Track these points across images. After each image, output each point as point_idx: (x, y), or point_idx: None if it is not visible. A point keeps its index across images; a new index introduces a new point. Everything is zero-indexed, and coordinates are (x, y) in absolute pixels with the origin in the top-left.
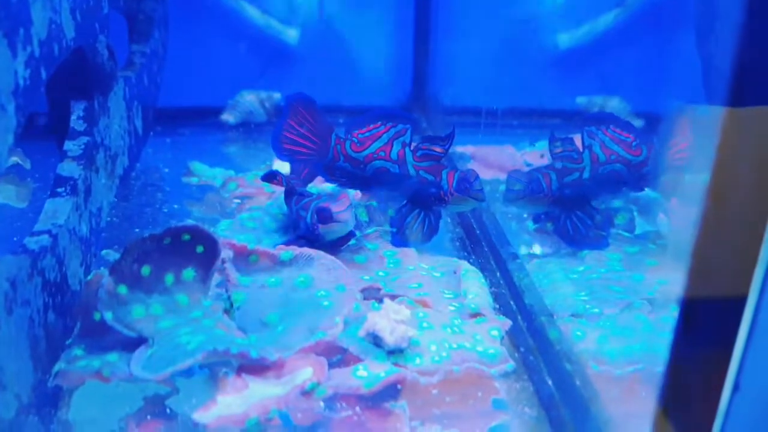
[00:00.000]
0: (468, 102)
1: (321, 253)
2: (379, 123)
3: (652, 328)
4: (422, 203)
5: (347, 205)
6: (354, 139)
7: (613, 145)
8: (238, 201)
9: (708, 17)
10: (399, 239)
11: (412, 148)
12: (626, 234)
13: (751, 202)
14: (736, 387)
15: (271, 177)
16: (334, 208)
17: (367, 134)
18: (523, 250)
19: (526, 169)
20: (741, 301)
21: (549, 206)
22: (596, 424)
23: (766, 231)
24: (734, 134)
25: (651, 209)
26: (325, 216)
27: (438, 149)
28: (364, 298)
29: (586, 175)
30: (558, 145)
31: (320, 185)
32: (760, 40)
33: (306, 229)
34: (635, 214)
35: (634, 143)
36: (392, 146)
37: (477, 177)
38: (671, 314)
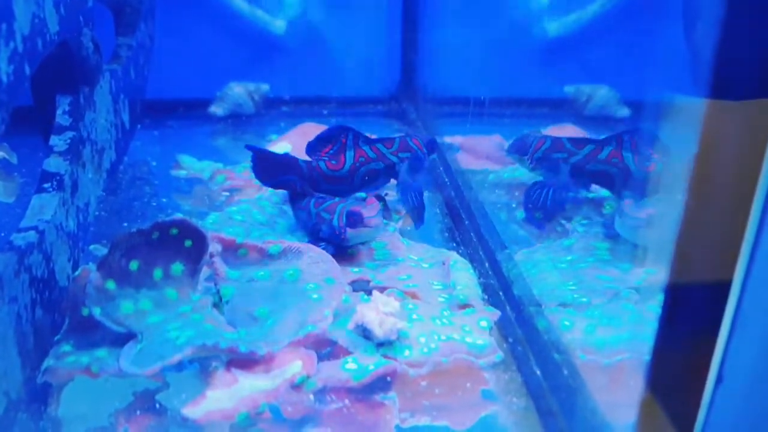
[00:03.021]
0: (457, 92)
1: (310, 245)
2: (333, 142)
3: (639, 317)
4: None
5: (378, 210)
6: (324, 157)
7: (625, 152)
8: (226, 194)
9: (694, 6)
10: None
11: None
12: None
13: (734, 191)
14: (719, 378)
15: (284, 184)
16: (366, 213)
17: (331, 151)
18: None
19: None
20: (724, 294)
21: (530, 168)
22: (584, 414)
23: (748, 223)
24: (718, 125)
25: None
26: (355, 220)
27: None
28: (353, 291)
29: (571, 160)
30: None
31: None
32: (740, 33)
33: (331, 231)
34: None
35: (651, 160)
36: (363, 149)
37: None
38: (658, 304)
